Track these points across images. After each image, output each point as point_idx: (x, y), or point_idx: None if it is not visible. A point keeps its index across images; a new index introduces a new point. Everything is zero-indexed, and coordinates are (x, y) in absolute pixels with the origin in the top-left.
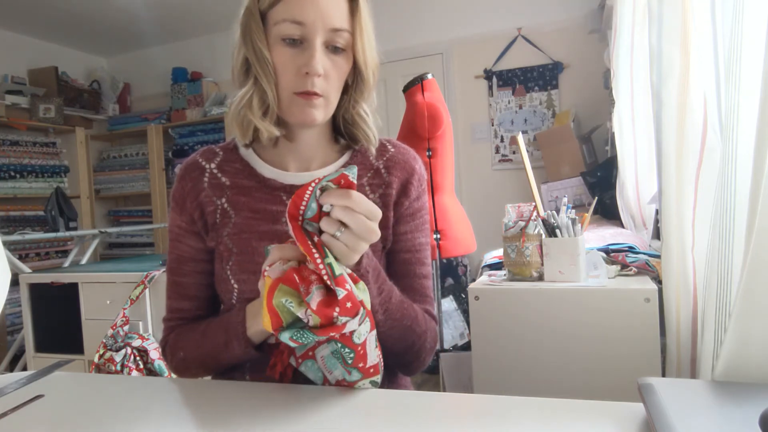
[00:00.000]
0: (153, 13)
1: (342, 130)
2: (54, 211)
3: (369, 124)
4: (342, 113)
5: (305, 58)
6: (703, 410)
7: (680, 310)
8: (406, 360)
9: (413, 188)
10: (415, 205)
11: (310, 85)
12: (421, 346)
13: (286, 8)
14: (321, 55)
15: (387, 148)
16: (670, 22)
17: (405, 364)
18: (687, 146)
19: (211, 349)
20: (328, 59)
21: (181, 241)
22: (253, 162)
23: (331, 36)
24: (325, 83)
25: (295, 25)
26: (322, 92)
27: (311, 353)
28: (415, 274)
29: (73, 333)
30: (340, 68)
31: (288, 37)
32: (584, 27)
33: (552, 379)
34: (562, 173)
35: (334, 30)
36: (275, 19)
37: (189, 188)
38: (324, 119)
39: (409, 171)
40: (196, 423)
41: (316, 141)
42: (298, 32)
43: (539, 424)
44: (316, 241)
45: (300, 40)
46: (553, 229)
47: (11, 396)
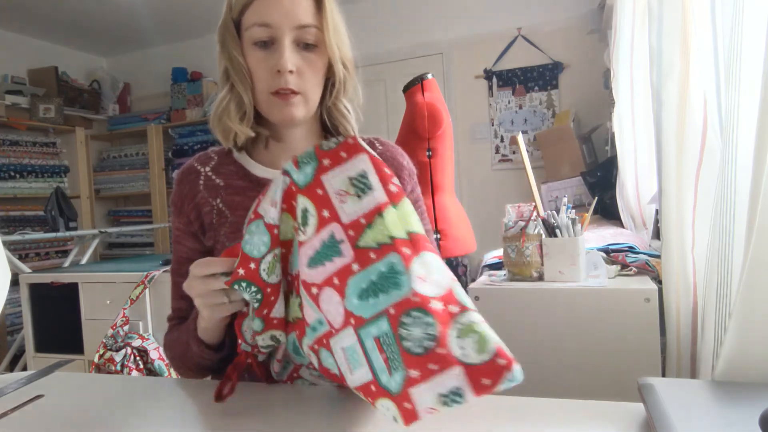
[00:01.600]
0: (153, 13)
1: (329, 126)
2: (54, 211)
3: (349, 119)
4: (323, 109)
5: (275, 57)
6: (703, 410)
7: (680, 310)
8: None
9: (405, 182)
10: (411, 198)
11: (284, 82)
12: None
13: (253, 13)
14: (290, 53)
15: (375, 146)
16: (670, 22)
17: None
18: (687, 146)
19: (182, 349)
20: (299, 57)
21: (180, 243)
22: (246, 163)
23: (299, 33)
24: (299, 80)
25: (262, 28)
26: (298, 89)
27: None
28: None
29: (73, 333)
30: (314, 64)
31: (258, 41)
32: (584, 27)
33: (552, 379)
34: (562, 173)
35: (300, 27)
36: (246, 25)
37: (186, 191)
38: (305, 116)
39: (398, 167)
40: (196, 423)
41: (304, 138)
42: (266, 34)
43: (540, 424)
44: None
45: (270, 41)
46: (553, 229)
47: (11, 396)
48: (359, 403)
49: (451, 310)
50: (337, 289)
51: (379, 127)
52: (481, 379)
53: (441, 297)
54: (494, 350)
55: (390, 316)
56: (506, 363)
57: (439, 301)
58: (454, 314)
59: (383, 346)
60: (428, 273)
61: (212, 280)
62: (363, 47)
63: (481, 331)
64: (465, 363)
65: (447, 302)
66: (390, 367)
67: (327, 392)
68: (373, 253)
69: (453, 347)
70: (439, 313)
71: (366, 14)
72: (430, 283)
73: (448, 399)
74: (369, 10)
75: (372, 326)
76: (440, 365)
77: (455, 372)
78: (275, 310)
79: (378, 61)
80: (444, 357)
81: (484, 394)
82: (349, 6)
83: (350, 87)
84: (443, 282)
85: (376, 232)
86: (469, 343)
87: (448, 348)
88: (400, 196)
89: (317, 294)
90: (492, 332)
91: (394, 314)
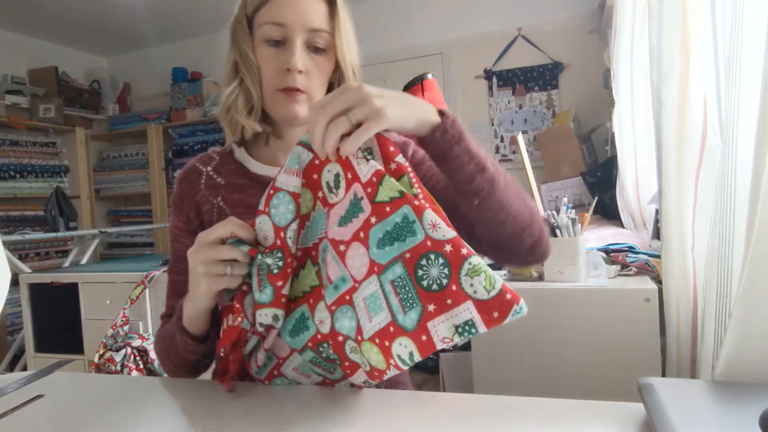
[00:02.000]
0: (153, 13)
1: None
2: (54, 211)
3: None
4: None
5: (286, 56)
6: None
7: (680, 310)
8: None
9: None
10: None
11: (291, 81)
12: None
13: (268, 12)
14: (301, 53)
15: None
16: (670, 22)
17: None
18: (687, 146)
19: (167, 341)
20: (309, 58)
21: (178, 241)
22: (246, 162)
23: (311, 36)
24: (306, 80)
25: (276, 27)
26: (304, 89)
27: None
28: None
29: (73, 333)
30: (322, 67)
31: (270, 39)
32: (584, 27)
33: (552, 379)
34: (562, 173)
35: (313, 30)
36: (259, 22)
37: (187, 190)
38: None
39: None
40: (196, 423)
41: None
42: (279, 33)
43: (539, 424)
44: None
45: (282, 40)
46: (553, 229)
47: (11, 396)
48: (360, 403)
49: (462, 252)
50: (362, 241)
51: None
52: (491, 313)
53: (450, 241)
54: (501, 287)
55: (405, 260)
56: (512, 297)
57: (449, 245)
58: (464, 256)
59: (398, 289)
60: (437, 222)
61: (220, 247)
62: (363, 47)
63: (487, 271)
64: (476, 299)
65: (456, 246)
66: (404, 307)
67: (326, 392)
68: (387, 207)
69: (464, 285)
70: (451, 256)
71: (366, 14)
72: (440, 230)
73: (462, 329)
74: (369, 10)
75: (389, 271)
76: (454, 300)
77: (467, 306)
78: (286, 287)
79: (378, 61)
80: (457, 293)
81: (493, 325)
82: (349, 6)
83: None
84: (448, 231)
85: (386, 188)
86: (479, 281)
87: (459, 286)
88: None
89: (344, 251)
90: (496, 274)
91: (409, 258)
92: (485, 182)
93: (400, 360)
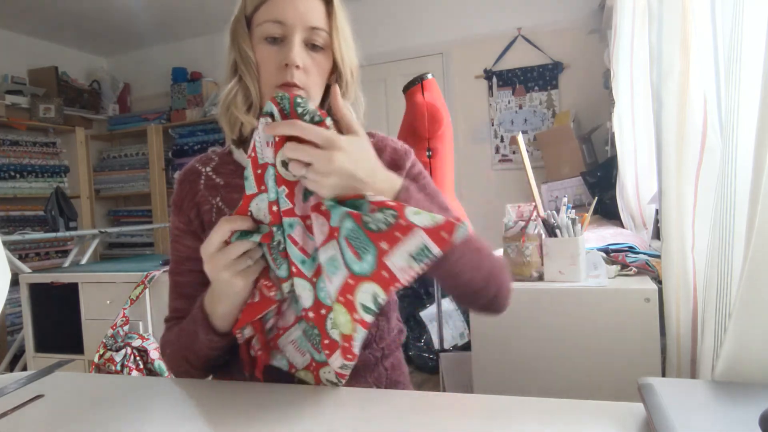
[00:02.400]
0: (153, 13)
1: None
2: (54, 211)
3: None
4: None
5: (285, 52)
6: (703, 410)
7: (680, 310)
8: (489, 292)
9: (402, 161)
10: (414, 171)
11: (290, 76)
12: (499, 269)
13: (267, 10)
14: (299, 50)
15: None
16: (670, 22)
17: (491, 298)
18: (687, 146)
19: (186, 341)
20: (307, 55)
21: (179, 242)
22: (244, 161)
23: (310, 34)
24: (305, 77)
25: (276, 25)
26: (302, 85)
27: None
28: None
29: (73, 333)
30: (320, 65)
31: (269, 36)
32: (584, 27)
33: (552, 379)
34: (562, 173)
35: (312, 28)
36: (258, 21)
37: (186, 190)
38: None
39: (391, 151)
40: (196, 423)
41: None
42: (278, 31)
43: (539, 424)
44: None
45: (281, 38)
46: (553, 229)
47: (11, 396)
48: (360, 403)
49: (403, 203)
50: (322, 213)
51: (380, 127)
52: (440, 233)
53: (392, 202)
54: (442, 218)
55: (353, 215)
56: (455, 219)
57: (393, 203)
58: (405, 205)
59: (351, 241)
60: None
61: (230, 247)
62: (363, 47)
63: (428, 212)
64: (423, 226)
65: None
66: (359, 255)
67: (326, 392)
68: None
69: (411, 218)
70: (395, 206)
71: (366, 14)
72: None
73: (418, 256)
74: (369, 10)
75: (342, 229)
76: (403, 232)
77: (417, 233)
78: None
79: (378, 61)
80: (405, 226)
81: (446, 247)
82: (349, 6)
83: (352, 92)
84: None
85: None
86: (423, 217)
87: (407, 219)
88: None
89: (311, 224)
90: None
91: (356, 214)
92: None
93: (363, 309)
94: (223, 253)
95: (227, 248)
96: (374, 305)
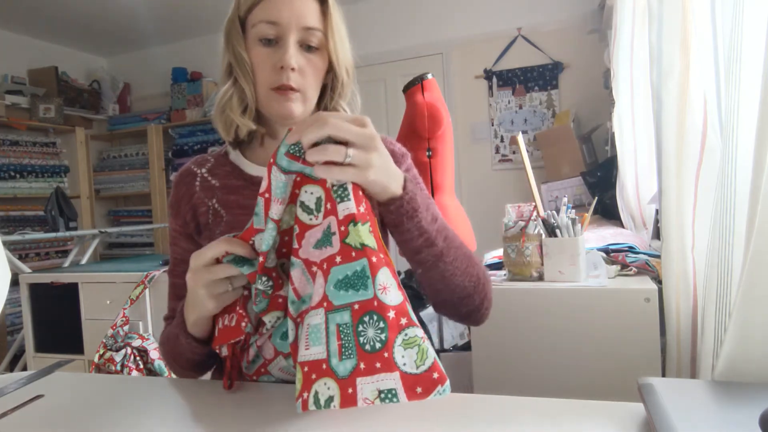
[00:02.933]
0: (153, 13)
1: None
2: (54, 211)
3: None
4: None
5: (280, 54)
6: (703, 410)
7: (680, 310)
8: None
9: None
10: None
11: (285, 78)
12: (484, 278)
13: (262, 11)
14: (294, 51)
15: None
16: (670, 22)
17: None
18: (687, 146)
19: (173, 343)
20: (302, 57)
21: (176, 244)
22: (241, 163)
23: (305, 35)
24: (300, 78)
25: (270, 26)
26: (297, 87)
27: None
28: None
29: (73, 333)
30: (315, 65)
31: (264, 37)
32: (584, 27)
33: (552, 379)
34: (562, 173)
35: (306, 29)
36: (252, 22)
37: (182, 193)
38: (302, 114)
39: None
40: (196, 423)
41: None
42: (273, 32)
43: (539, 424)
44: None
45: (275, 39)
46: (553, 229)
47: (11, 396)
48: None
49: (401, 322)
50: (324, 273)
51: (380, 127)
52: (415, 387)
53: (395, 307)
54: (431, 364)
55: (353, 310)
56: (439, 377)
57: (393, 311)
58: (402, 326)
59: (341, 334)
60: (388, 285)
61: (217, 268)
62: (363, 47)
63: (422, 345)
64: (403, 371)
65: (398, 314)
66: (342, 354)
67: None
68: (353, 252)
69: (396, 355)
70: (392, 323)
71: (366, 14)
72: (388, 294)
73: (384, 396)
74: (369, 10)
75: (338, 314)
76: (383, 366)
77: (394, 376)
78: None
79: (378, 61)
80: (387, 361)
81: (415, 400)
82: (349, 6)
83: (348, 92)
84: (397, 296)
85: (355, 234)
86: (411, 354)
87: (391, 354)
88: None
89: (315, 272)
90: (431, 348)
91: (357, 310)
92: (431, 257)
93: (314, 399)
94: (208, 271)
95: (213, 267)
96: (324, 405)
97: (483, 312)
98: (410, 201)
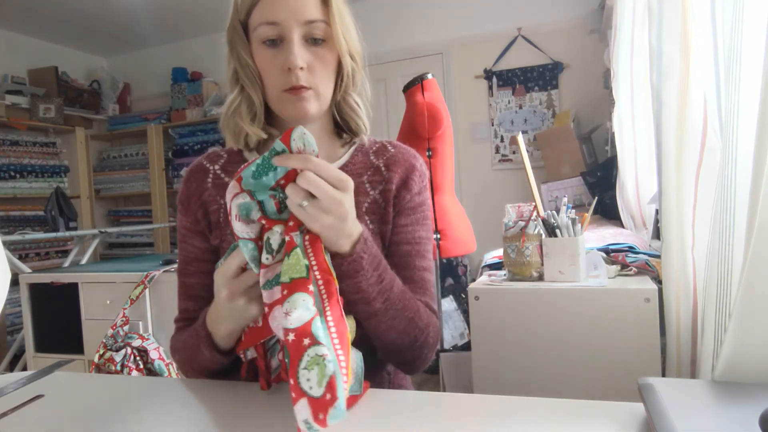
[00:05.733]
0: (153, 13)
1: (340, 122)
2: (54, 211)
3: (359, 114)
4: (335, 105)
5: (285, 54)
6: (703, 410)
7: (680, 310)
8: (408, 357)
9: (414, 183)
10: (417, 200)
11: (295, 79)
12: (423, 341)
13: (260, 13)
14: (300, 49)
15: (387, 149)
16: (670, 22)
17: (408, 361)
18: (687, 146)
19: (191, 353)
20: (309, 52)
21: (187, 242)
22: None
23: (307, 29)
24: (310, 75)
25: (270, 26)
26: (309, 85)
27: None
28: (414, 266)
29: (73, 333)
30: (324, 59)
31: (266, 39)
32: (584, 27)
33: (552, 379)
34: (562, 173)
35: (308, 22)
36: (253, 25)
37: (193, 189)
38: (318, 112)
39: (409, 167)
40: (196, 423)
41: (317, 135)
42: (274, 32)
43: (539, 424)
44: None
45: (278, 39)
46: (553, 229)
47: (11, 396)
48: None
49: (303, 343)
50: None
51: (379, 127)
52: (318, 414)
53: (295, 330)
54: (327, 383)
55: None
56: (330, 398)
57: (293, 334)
58: (305, 347)
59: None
60: (292, 309)
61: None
62: (363, 47)
63: (323, 363)
64: (309, 395)
65: (300, 335)
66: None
67: None
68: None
69: (301, 379)
70: (292, 346)
71: (366, 14)
72: (290, 317)
73: (307, 426)
74: (369, 10)
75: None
76: (295, 395)
77: (304, 403)
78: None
79: (378, 61)
80: (295, 388)
81: (323, 427)
82: (349, 6)
83: (358, 80)
84: (304, 316)
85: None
86: (314, 375)
87: (296, 380)
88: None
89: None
90: (333, 363)
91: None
92: (365, 312)
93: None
94: (241, 280)
95: (245, 275)
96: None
97: (414, 367)
98: (352, 262)
